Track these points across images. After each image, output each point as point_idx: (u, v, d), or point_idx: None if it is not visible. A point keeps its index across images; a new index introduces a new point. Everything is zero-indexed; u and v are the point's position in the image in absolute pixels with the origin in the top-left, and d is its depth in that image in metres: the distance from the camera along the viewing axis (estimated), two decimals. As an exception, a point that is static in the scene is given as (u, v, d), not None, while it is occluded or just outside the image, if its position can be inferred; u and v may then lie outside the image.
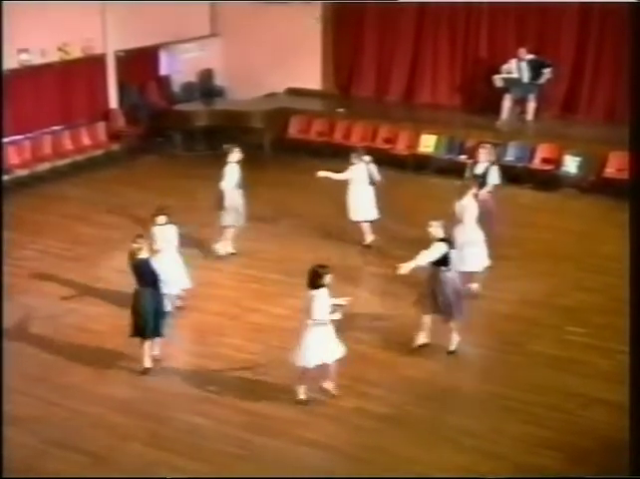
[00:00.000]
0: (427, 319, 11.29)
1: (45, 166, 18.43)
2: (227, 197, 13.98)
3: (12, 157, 17.79)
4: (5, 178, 17.21)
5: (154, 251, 11.38)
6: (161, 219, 11.90)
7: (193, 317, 12.22)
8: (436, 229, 11.07)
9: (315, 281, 9.77)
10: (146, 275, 10.71)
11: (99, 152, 19.47)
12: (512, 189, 12.96)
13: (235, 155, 14.11)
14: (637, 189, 8.48)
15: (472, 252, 12.39)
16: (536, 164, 17.88)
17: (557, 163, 17.72)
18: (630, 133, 9.21)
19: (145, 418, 9.92)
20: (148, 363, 10.95)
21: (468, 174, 13.95)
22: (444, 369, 10.85)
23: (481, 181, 13.30)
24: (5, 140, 17.46)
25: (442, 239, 11.00)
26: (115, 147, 19.74)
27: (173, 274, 11.74)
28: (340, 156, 14.33)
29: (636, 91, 9.13)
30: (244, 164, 14.40)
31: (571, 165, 17.52)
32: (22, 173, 17.97)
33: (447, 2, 19.97)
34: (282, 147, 18.22)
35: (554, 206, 16.63)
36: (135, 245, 10.69)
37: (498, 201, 13.54)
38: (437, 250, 10.91)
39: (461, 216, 12.43)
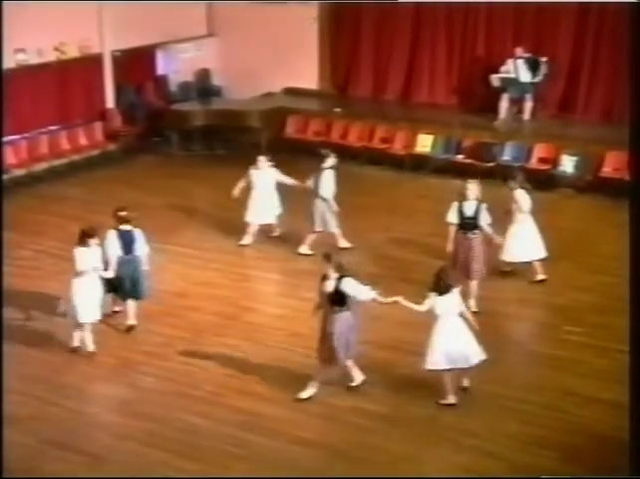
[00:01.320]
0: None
1: (42, 166, 18.39)
2: (330, 203, 13.91)
3: (9, 156, 17.75)
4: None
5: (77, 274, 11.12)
6: (94, 240, 11.04)
7: (191, 317, 12.23)
8: (335, 264, 9.93)
9: (443, 287, 9.85)
10: (127, 245, 11.50)
11: (96, 152, 19.43)
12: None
13: (331, 160, 14.01)
14: (637, 188, 8.49)
15: (532, 242, 12.92)
16: (533, 163, 17.85)
17: (554, 162, 17.72)
18: (630, 133, 9.21)
19: (143, 418, 9.93)
20: (132, 321, 11.73)
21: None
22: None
23: (472, 223, 12.19)
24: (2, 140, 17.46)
25: (343, 275, 9.90)
26: (112, 147, 19.70)
27: (88, 302, 11.12)
28: (338, 155, 14.30)
29: (636, 91, 9.14)
30: (242, 163, 14.38)
31: (568, 164, 17.53)
32: (19, 172, 17.94)
33: (444, 2, 19.96)
34: (279, 146, 18.17)
35: (551, 205, 16.61)
36: (122, 214, 11.54)
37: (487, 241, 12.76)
38: (355, 286, 9.90)
39: (521, 208, 12.84)
